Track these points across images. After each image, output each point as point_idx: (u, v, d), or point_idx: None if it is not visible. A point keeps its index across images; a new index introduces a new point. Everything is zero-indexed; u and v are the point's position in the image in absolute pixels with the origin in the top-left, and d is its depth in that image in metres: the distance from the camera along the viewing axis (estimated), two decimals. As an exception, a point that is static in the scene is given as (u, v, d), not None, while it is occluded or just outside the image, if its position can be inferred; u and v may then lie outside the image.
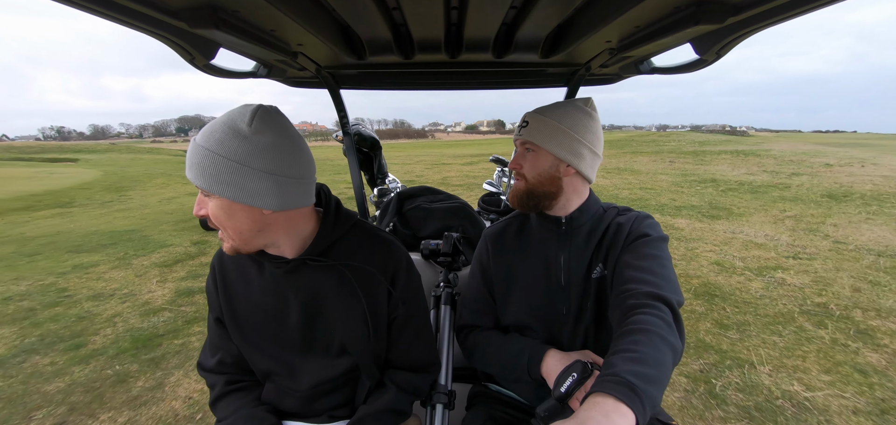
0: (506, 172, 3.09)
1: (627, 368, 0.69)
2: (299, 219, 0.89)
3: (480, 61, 1.29)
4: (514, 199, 1.09)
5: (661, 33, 0.83)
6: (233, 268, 0.97)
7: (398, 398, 0.99)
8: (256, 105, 0.79)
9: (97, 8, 0.64)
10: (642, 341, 0.75)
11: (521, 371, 1.02)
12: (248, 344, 0.96)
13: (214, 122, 0.78)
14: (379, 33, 1.04)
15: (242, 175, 0.75)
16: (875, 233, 5.61)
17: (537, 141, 1.02)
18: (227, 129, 0.76)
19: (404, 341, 1.01)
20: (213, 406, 0.99)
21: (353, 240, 0.97)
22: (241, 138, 0.75)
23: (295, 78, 1.49)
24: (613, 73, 1.44)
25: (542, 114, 1.03)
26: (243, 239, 0.83)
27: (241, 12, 0.77)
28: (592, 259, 1.04)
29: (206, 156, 0.75)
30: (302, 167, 0.83)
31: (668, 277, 0.91)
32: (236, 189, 0.76)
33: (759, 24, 0.74)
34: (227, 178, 0.75)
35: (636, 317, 0.81)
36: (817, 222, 6.35)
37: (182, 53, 0.92)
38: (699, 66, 1.01)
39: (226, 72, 1.14)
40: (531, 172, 1.04)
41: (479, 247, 1.23)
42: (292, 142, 0.81)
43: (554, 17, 0.95)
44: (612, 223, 1.05)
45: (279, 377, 0.97)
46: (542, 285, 1.08)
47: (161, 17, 0.70)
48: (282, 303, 0.93)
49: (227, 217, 0.80)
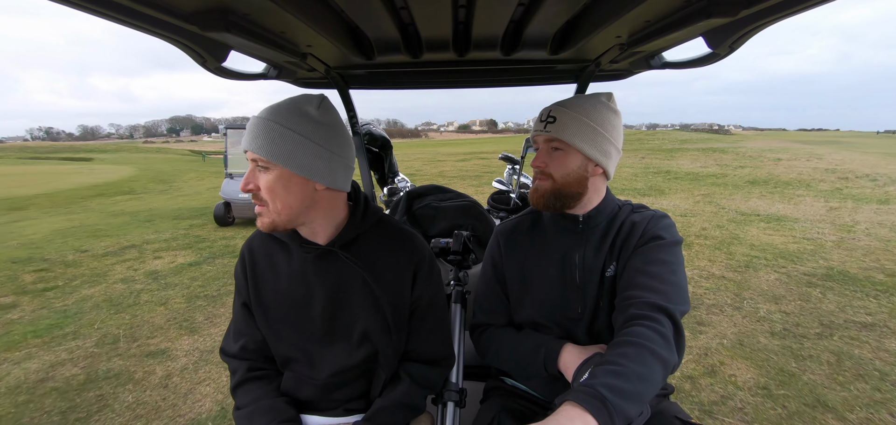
0: (516, 170, 3.00)
1: (605, 381, 0.71)
2: (337, 205, 0.95)
3: (488, 59, 1.29)
4: (538, 200, 1.04)
5: (672, 27, 0.82)
6: (262, 255, 1.01)
7: (412, 391, 1.00)
8: (321, 94, 0.90)
9: (111, 13, 0.65)
10: (630, 354, 0.76)
11: (537, 367, 1.02)
12: (271, 330, 0.99)
13: (280, 104, 0.86)
14: (387, 33, 1.04)
15: (307, 150, 0.84)
16: (751, 204, 7.99)
17: (566, 138, 0.97)
18: (295, 109, 0.84)
19: (423, 332, 1.04)
20: (234, 391, 1.02)
21: (379, 233, 1.02)
22: (309, 118, 0.84)
23: (304, 79, 1.51)
24: (624, 69, 1.43)
25: (569, 108, 0.98)
26: (290, 213, 0.87)
27: (251, 15, 0.78)
28: (607, 257, 1.03)
29: (275, 129, 0.82)
30: (351, 154, 0.94)
31: (677, 284, 0.90)
32: (299, 162, 0.83)
33: (773, 16, 0.72)
34: (293, 151, 0.82)
35: (632, 328, 0.82)
36: (719, 198, 8.66)
37: (194, 56, 0.93)
38: (712, 60, 1.00)
39: (236, 74, 1.15)
40: (559, 172, 0.99)
41: (490, 245, 1.21)
42: (345, 129, 0.93)
43: (562, 14, 0.94)
44: (627, 221, 1.03)
45: (299, 365, 1.00)
46: (556, 284, 1.06)
47: (173, 21, 0.72)
48: (307, 291, 0.97)
49: (283, 188, 0.85)
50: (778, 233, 5.88)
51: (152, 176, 16.64)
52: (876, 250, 4.94)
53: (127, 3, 0.62)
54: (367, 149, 2.26)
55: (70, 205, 10.27)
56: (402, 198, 1.87)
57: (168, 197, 11.42)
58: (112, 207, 9.79)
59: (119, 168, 20.70)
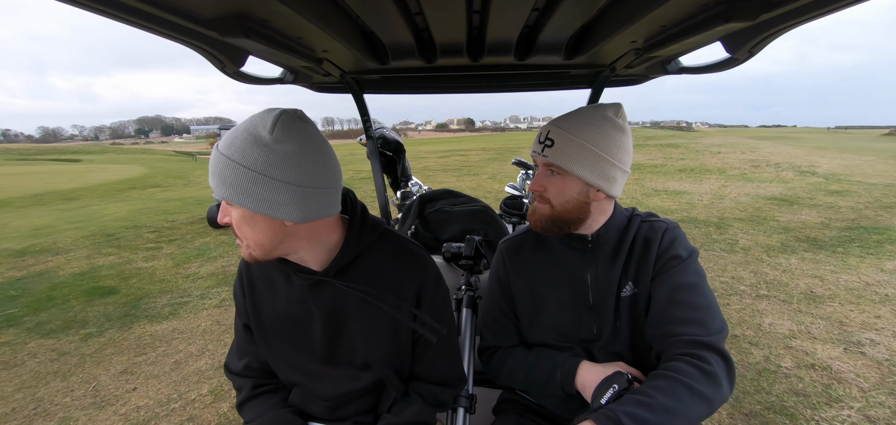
0: (529, 175, 3.02)
1: (628, 409, 0.72)
2: (323, 230, 0.88)
3: (502, 64, 1.30)
4: (535, 223, 1.01)
5: (689, 32, 0.81)
6: (260, 275, 0.97)
7: (422, 410, 0.97)
8: (279, 110, 0.76)
9: (132, 18, 0.66)
10: (661, 387, 0.77)
11: (554, 387, 1.00)
12: (272, 352, 0.97)
13: (236, 129, 0.77)
14: (401, 38, 1.05)
15: (262, 185, 0.74)
16: (666, 184, 10.28)
17: (564, 164, 0.93)
18: (248, 137, 0.74)
19: (430, 356, 0.99)
20: (241, 408, 1.01)
21: (381, 251, 0.95)
22: (262, 147, 0.73)
23: (320, 83, 1.54)
24: (639, 74, 1.42)
25: (567, 130, 0.93)
26: (263, 249, 0.81)
27: (269, 21, 0.80)
28: (621, 276, 1.00)
29: (228, 165, 0.74)
30: (325, 177, 0.80)
31: (710, 306, 0.90)
32: (256, 200, 0.74)
33: (792, 21, 0.72)
34: (248, 188, 0.74)
35: (673, 363, 0.82)
36: (646, 181, 11.03)
37: (213, 61, 0.95)
38: (730, 65, 0.98)
39: (254, 78, 1.17)
40: (558, 198, 0.96)
41: (495, 263, 1.18)
42: (315, 149, 0.78)
43: (577, 19, 0.94)
44: (639, 236, 1.01)
45: (302, 386, 0.99)
46: (569, 305, 1.03)
47: (194, 27, 0.74)
48: (307, 314, 0.94)
49: (249, 227, 0.79)
50: (671, 200, 8.34)
51: (164, 173, 17.71)
52: (726, 208, 7.32)
53: (149, 8, 0.64)
54: (380, 152, 2.26)
55: (115, 195, 11.58)
56: (414, 202, 1.90)
57: (191, 189, 12.51)
58: (154, 196, 11.18)
59: (125, 167, 21.99)
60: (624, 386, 0.87)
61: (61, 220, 7.94)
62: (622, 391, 0.86)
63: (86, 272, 4.94)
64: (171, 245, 6.04)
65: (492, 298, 1.17)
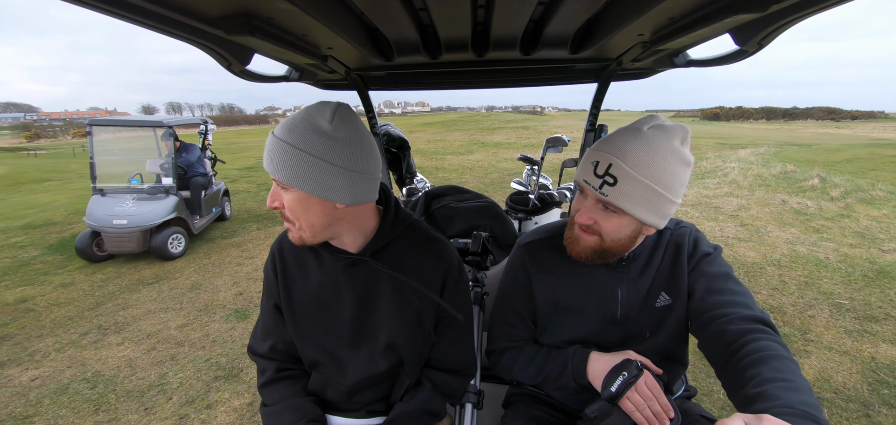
0: (534, 171, 2.99)
1: (804, 399, 0.68)
2: (365, 215, 0.96)
3: (508, 59, 1.31)
4: (579, 253, 0.97)
5: (697, 24, 0.80)
6: (292, 257, 1.03)
7: (433, 398, 1.03)
8: (336, 103, 0.85)
9: (138, 18, 0.68)
10: (786, 369, 0.74)
11: (566, 380, 1.02)
12: (300, 333, 1.03)
13: (294, 117, 0.84)
14: (406, 34, 1.07)
15: (322, 170, 0.81)
16: (511, 154, 14.55)
17: (627, 207, 0.86)
18: (308, 125, 0.81)
19: (447, 342, 1.06)
20: (262, 389, 1.06)
21: (410, 240, 1.03)
22: (323, 135, 0.81)
23: (325, 80, 1.56)
24: (646, 68, 1.42)
25: (633, 168, 0.84)
26: (314, 230, 0.88)
27: (274, 19, 0.81)
28: (651, 287, 1.01)
29: (288, 151, 0.80)
30: (373, 164, 0.89)
31: (746, 291, 0.93)
32: (315, 183, 0.81)
33: (803, 11, 0.70)
34: (308, 173, 0.81)
35: (757, 343, 0.80)
36: (501, 152, 15.21)
37: (219, 60, 0.97)
38: (739, 57, 0.98)
39: (260, 76, 1.19)
40: (611, 235, 0.92)
41: (514, 263, 1.16)
42: (366, 139, 0.88)
43: (583, 12, 0.94)
44: (669, 245, 1.02)
45: (326, 368, 1.03)
46: (594, 317, 1.05)
47: (200, 26, 0.75)
48: (337, 296, 0.99)
49: (303, 209, 0.85)
50: (509, 162, 12.54)
51: None
52: None
53: (155, 8, 0.66)
54: (385, 149, 2.31)
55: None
56: (420, 198, 1.93)
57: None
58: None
59: None
60: (634, 373, 0.89)
61: None
62: (632, 378, 0.88)
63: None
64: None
65: (507, 300, 1.16)
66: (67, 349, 3.24)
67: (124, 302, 4.01)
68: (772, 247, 4.99)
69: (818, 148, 13.04)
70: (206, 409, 2.54)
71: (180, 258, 5.21)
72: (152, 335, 3.41)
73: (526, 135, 22.16)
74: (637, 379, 0.88)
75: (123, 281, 4.51)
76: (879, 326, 3.20)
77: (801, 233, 5.46)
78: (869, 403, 2.38)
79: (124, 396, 2.67)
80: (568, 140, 2.51)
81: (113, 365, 3.00)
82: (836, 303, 3.59)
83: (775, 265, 4.46)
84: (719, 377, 0.86)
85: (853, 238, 5.22)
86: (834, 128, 36.61)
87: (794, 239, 5.26)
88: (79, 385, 2.80)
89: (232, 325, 3.53)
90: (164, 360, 3.06)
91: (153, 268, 4.85)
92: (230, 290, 4.22)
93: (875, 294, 3.73)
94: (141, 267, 4.89)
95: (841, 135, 22.79)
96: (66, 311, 3.86)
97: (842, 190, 7.41)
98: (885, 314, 3.38)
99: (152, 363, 3.03)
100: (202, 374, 2.88)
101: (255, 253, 5.33)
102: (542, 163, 2.70)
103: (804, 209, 6.63)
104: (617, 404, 0.89)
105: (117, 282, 4.49)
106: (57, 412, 2.55)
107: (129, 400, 2.63)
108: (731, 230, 5.77)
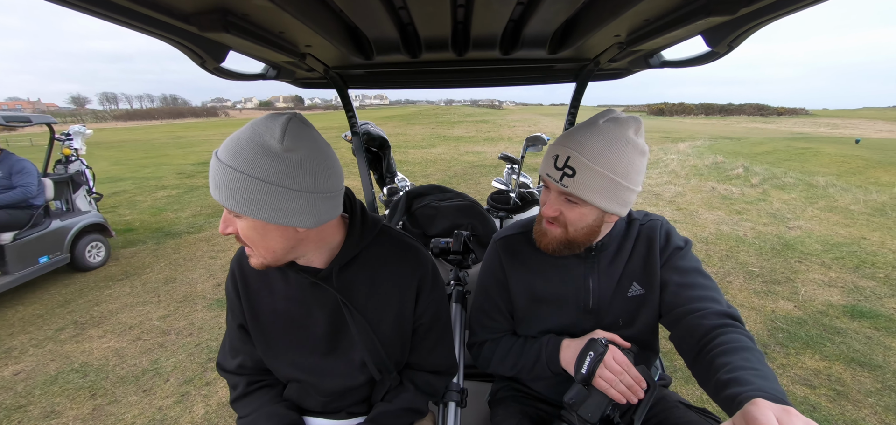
0: (515, 170, 2.97)
1: (773, 387, 0.70)
2: (329, 231, 0.88)
3: (487, 58, 1.28)
4: (547, 245, 0.99)
5: (671, 26, 0.81)
6: (255, 274, 0.94)
7: (415, 398, 0.99)
8: (286, 117, 0.73)
9: (108, 13, 0.64)
10: (752, 358, 0.77)
11: (541, 369, 1.02)
12: (271, 351, 0.95)
13: (239, 138, 0.72)
14: (386, 33, 1.03)
15: (278, 196, 0.71)
16: (473, 148, 14.97)
17: (585, 196, 0.88)
18: (256, 147, 0.70)
19: (426, 346, 1.02)
20: (235, 404, 0.99)
21: (381, 247, 0.95)
22: (273, 157, 0.70)
23: (303, 79, 1.50)
24: (622, 68, 1.42)
25: (589, 159, 0.86)
26: (276, 256, 0.80)
27: (250, 15, 0.77)
28: (622, 277, 1.01)
29: (236, 178, 0.70)
30: (334, 180, 0.80)
31: (715, 285, 0.96)
32: (271, 210, 0.72)
33: (772, 14, 0.72)
34: (261, 200, 0.71)
35: (727, 335, 0.83)
36: (462, 146, 15.38)
37: (193, 57, 0.91)
38: (711, 58, 0.99)
39: (235, 74, 1.13)
40: (574, 225, 0.94)
41: (491, 258, 1.15)
42: (323, 154, 0.77)
43: (562, 13, 0.92)
44: (640, 237, 1.02)
45: (302, 383, 0.97)
46: (568, 308, 1.04)
47: (172, 22, 0.71)
48: (307, 312, 0.92)
49: (260, 237, 0.77)
50: (474, 157, 12.69)
51: None
52: (487, 158, 11.97)
53: (125, 3, 0.62)
54: (365, 149, 2.23)
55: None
56: (401, 198, 1.88)
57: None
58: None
59: None
60: (600, 350, 0.89)
61: None
62: (599, 356, 0.88)
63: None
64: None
65: (485, 293, 1.15)
66: (46, 344, 3.09)
67: (95, 298, 3.82)
68: (701, 227, 5.52)
69: (745, 141, 13.95)
70: (206, 386, 2.54)
71: (147, 253, 4.93)
72: (134, 326, 3.29)
73: (486, 130, 22.01)
74: (604, 356, 0.88)
75: (90, 279, 4.24)
76: (780, 287, 3.73)
77: (725, 215, 6.02)
78: (767, 344, 2.89)
79: (119, 382, 2.61)
80: (548, 139, 2.54)
81: (100, 356, 2.90)
82: (749, 270, 4.10)
83: (703, 242, 4.97)
84: (691, 367, 0.88)
85: (767, 218, 5.84)
86: (762, 123, 39.25)
87: (719, 220, 5.83)
88: (68, 375, 2.70)
89: (216, 313, 3.45)
90: (152, 348, 2.98)
91: (120, 265, 4.60)
92: (207, 282, 4.10)
93: (779, 263, 4.29)
94: (108, 265, 4.66)
95: (766, 130, 24.42)
96: (34, 310, 3.63)
97: (760, 177, 8.16)
98: (787, 278, 3.92)
99: (141, 351, 2.95)
100: (195, 357, 2.84)
101: (227, 246, 5.13)
102: (522, 162, 2.73)
103: (729, 195, 7.27)
104: (591, 385, 0.88)
105: (83, 280, 4.22)
106: (51, 400, 2.46)
107: (125, 385, 2.58)
108: (668, 214, 6.18)
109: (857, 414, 2.28)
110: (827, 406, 2.35)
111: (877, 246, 4.80)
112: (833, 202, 6.62)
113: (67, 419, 2.38)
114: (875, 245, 4.84)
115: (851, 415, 2.27)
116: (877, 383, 2.52)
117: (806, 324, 3.19)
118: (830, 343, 2.94)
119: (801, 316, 3.32)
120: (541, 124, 23.92)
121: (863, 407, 2.33)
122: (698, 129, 24.51)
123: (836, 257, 4.50)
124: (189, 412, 2.40)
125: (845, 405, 2.35)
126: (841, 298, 3.60)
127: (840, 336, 3.03)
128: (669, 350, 2.92)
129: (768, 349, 2.89)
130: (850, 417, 2.26)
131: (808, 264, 4.34)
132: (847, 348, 2.87)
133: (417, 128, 24.58)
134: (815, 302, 3.55)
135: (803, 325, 3.18)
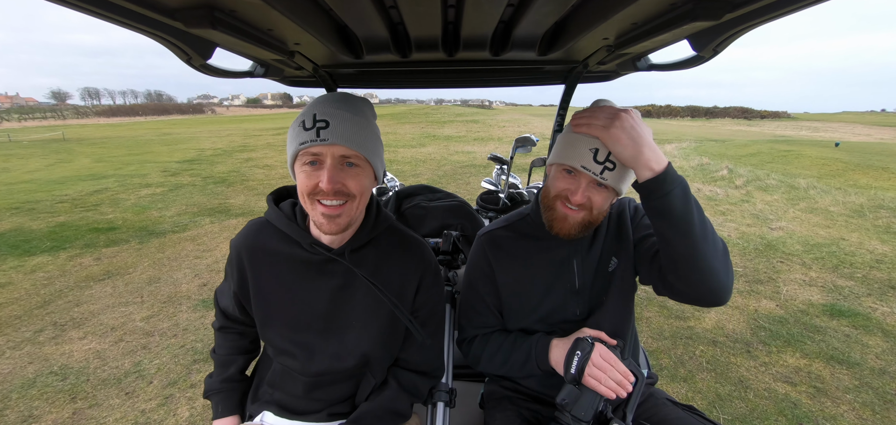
0: (504, 170, 2.94)
1: None
2: (363, 210, 0.94)
3: (477, 59, 1.28)
4: (569, 229, 1.00)
5: (658, 30, 0.83)
6: (260, 251, 0.97)
7: (399, 397, 0.99)
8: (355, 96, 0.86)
9: (94, 9, 0.63)
10: None
11: (531, 368, 1.04)
12: (268, 321, 0.97)
13: (332, 97, 0.82)
14: (376, 32, 1.02)
15: (379, 145, 0.84)
16: (464, 147, 14.93)
17: (619, 187, 0.95)
18: (353, 102, 0.80)
19: (415, 345, 1.03)
20: (218, 332, 1.13)
21: (389, 239, 1.01)
22: (373, 117, 0.82)
23: (292, 77, 1.50)
24: (611, 70, 1.45)
25: None
26: (360, 215, 0.86)
27: (237, 12, 0.76)
28: (602, 254, 1.06)
29: (364, 123, 0.77)
30: None
31: None
32: (379, 157, 0.81)
33: (756, 20, 0.74)
34: (375, 146, 0.82)
35: None
36: (452, 145, 15.21)
37: (179, 54, 0.90)
38: (696, 62, 1.02)
39: (222, 72, 1.13)
40: (599, 209, 0.98)
41: (476, 254, 1.16)
42: None
43: (551, 15, 0.93)
44: (612, 213, 1.09)
45: (291, 357, 0.97)
46: (555, 292, 1.07)
47: (158, 18, 0.69)
48: (310, 287, 0.95)
49: (368, 186, 0.84)
50: (464, 156, 12.68)
51: (244, 146, 17.09)
52: (477, 158, 11.98)
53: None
54: None
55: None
56: (391, 197, 1.87)
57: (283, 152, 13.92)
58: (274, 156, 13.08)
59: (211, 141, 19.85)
60: (587, 349, 0.92)
61: None
62: (586, 355, 0.91)
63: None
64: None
65: (473, 290, 1.16)
66: (24, 346, 3.01)
67: (76, 298, 3.72)
68: (687, 229, 5.83)
69: (730, 143, 14.26)
70: (191, 388, 2.48)
71: (130, 253, 4.82)
72: (117, 328, 3.21)
73: (476, 129, 21.99)
74: (591, 354, 0.91)
75: (69, 279, 4.13)
76: (763, 287, 3.81)
77: (710, 216, 5.94)
78: (750, 342, 2.97)
79: (100, 384, 2.54)
80: (537, 140, 2.56)
81: (80, 358, 2.83)
82: (733, 270, 4.35)
83: (689, 243, 5.24)
84: (668, 273, 0.94)
85: (750, 219, 5.95)
86: (746, 126, 40.44)
87: (705, 221, 6.14)
88: (47, 378, 2.62)
89: (202, 314, 3.38)
90: (135, 350, 2.91)
91: (101, 265, 4.49)
92: (192, 282, 4.03)
93: (762, 262, 4.35)
94: (87, 264, 4.52)
95: (750, 133, 25.03)
96: (11, 310, 3.53)
97: (744, 179, 8.30)
98: (769, 277, 3.99)
99: (123, 353, 2.87)
100: (179, 359, 2.77)
101: (213, 245, 5.04)
102: (511, 163, 2.72)
103: (714, 196, 7.41)
104: (582, 383, 0.90)
105: (62, 280, 4.05)
106: (29, 404, 2.39)
107: (107, 388, 2.51)
108: (655, 214, 6.53)
109: (835, 410, 2.35)
110: (807, 403, 2.41)
111: (855, 246, 4.94)
112: (814, 204, 6.79)
113: (46, 423, 2.31)
114: (853, 245, 4.97)
115: (830, 411, 2.33)
116: (854, 380, 2.60)
117: (787, 323, 3.27)
118: (810, 341, 3.02)
119: (783, 314, 3.41)
120: (530, 125, 24.36)
121: (841, 404, 2.39)
122: (684, 131, 25.04)
123: (816, 257, 4.61)
124: (173, 415, 2.35)
125: (824, 401, 2.41)
126: (821, 297, 3.69)
127: (820, 334, 3.11)
128: (655, 349, 2.95)
129: (751, 347, 2.96)
130: (829, 413, 2.32)
131: (789, 264, 4.44)
132: (826, 346, 2.95)
133: (407, 128, 24.61)
134: (796, 301, 3.63)
135: (785, 324, 3.26)
